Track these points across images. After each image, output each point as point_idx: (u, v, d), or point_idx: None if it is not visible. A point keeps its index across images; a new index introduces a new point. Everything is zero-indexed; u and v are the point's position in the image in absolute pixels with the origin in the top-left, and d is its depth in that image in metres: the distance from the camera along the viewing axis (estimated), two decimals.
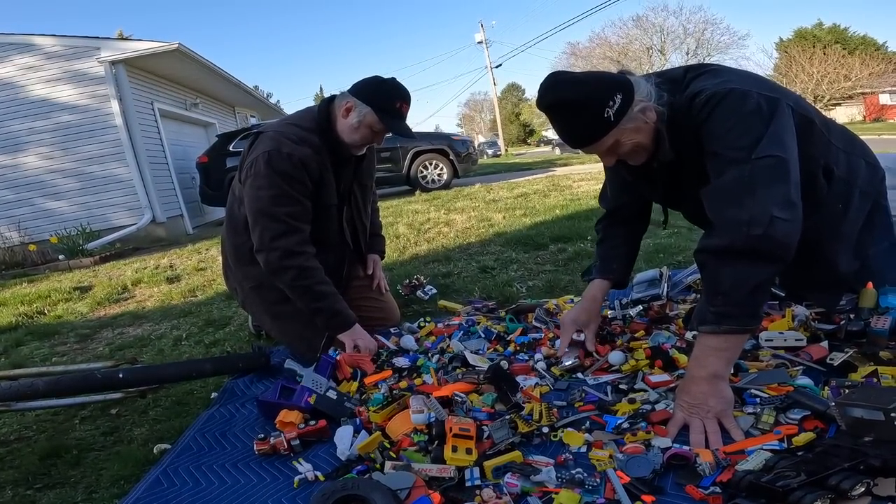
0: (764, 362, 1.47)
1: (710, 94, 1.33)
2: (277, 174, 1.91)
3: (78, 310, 3.93)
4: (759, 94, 1.31)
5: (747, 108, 1.29)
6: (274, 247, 1.93)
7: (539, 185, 7.34)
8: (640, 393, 1.45)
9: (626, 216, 1.84)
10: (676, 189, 1.58)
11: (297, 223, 1.96)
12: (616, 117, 1.35)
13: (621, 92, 1.35)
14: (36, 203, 8.07)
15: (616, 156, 1.46)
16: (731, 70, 1.45)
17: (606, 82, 1.37)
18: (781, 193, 1.24)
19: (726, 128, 1.30)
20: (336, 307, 1.98)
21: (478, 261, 3.41)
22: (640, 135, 1.41)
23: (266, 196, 1.93)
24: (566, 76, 1.42)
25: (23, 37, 7.80)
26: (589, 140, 1.40)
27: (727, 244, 1.24)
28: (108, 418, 1.97)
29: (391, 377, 1.75)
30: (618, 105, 1.34)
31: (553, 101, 1.39)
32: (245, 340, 2.56)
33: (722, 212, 1.29)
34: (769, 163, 1.25)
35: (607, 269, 1.81)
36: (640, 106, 1.37)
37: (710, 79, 1.39)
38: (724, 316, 1.24)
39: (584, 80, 1.40)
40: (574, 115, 1.38)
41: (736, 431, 1.20)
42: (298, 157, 1.93)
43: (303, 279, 1.94)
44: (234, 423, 1.70)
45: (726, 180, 1.29)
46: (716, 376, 1.25)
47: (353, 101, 1.99)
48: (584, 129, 1.39)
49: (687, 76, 1.44)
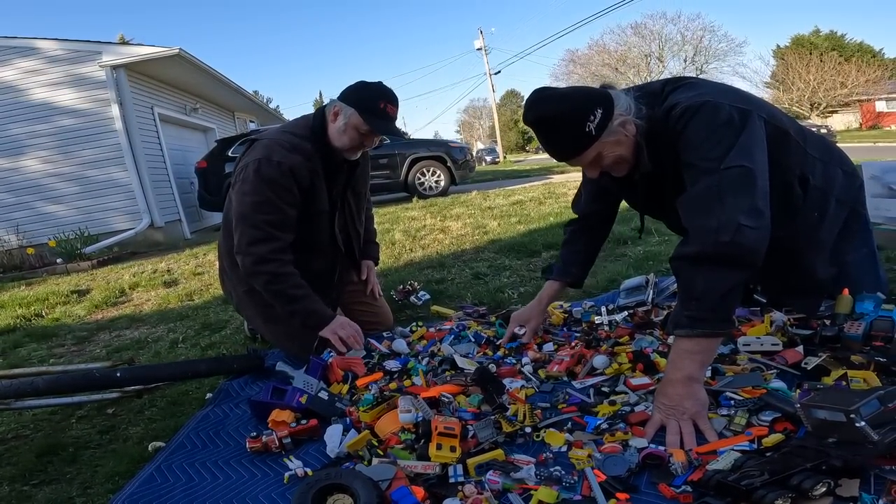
0: (740, 366, 1.51)
1: (685, 107, 1.38)
2: (264, 181, 1.95)
3: (76, 313, 3.96)
4: (732, 105, 1.37)
5: (719, 119, 1.35)
6: (249, 252, 1.97)
7: (535, 192, 7.40)
8: (620, 395, 1.49)
9: (593, 223, 1.95)
10: (658, 199, 1.63)
11: (276, 231, 1.99)
12: (597, 131, 1.41)
13: (601, 107, 1.41)
14: (35, 206, 8.11)
15: (599, 168, 1.52)
16: (707, 83, 1.51)
17: (587, 97, 1.43)
18: (748, 202, 1.29)
19: (700, 139, 1.36)
20: (310, 307, 2.01)
21: (471, 267, 3.46)
22: (621, 147, 1.47)
23: (249, 202, 1.97)
24: (549, 93, 1.48)
25: (25, 40, 7.86)
26: (572, 153, 1.47)
27: (698, 251, 1.30)
28: (105, 417, 2.00)
29: (382, 379, 1.79)
30: (598, 119, 1.40)
31: (536, 116, 1.46)
32: (241, 343, 2.60)
33: (693, 220, 1.35)
34: (736, 173, 1.31)
35: (566, 272, 1.96)
36: (620, 120, 1.43)
37: (686, 91, 1.45)
38: (698, 320, 1.28)
39: (566, 96, 1.45)
40: (556, 130, 1.45)
41: (710, 432, 1.24)
42: (288, 166, 1.97)
43: (275, 284, 1.98)
44: (228, 423, 1.74)
45: (698, 190, 1.35)
46: (690, 378, 1.29)
47: (340, 105, 2.03)
48: (566, 143, 1.45)
49: (665, 89, 1.50)
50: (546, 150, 1.51)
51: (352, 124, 2.01)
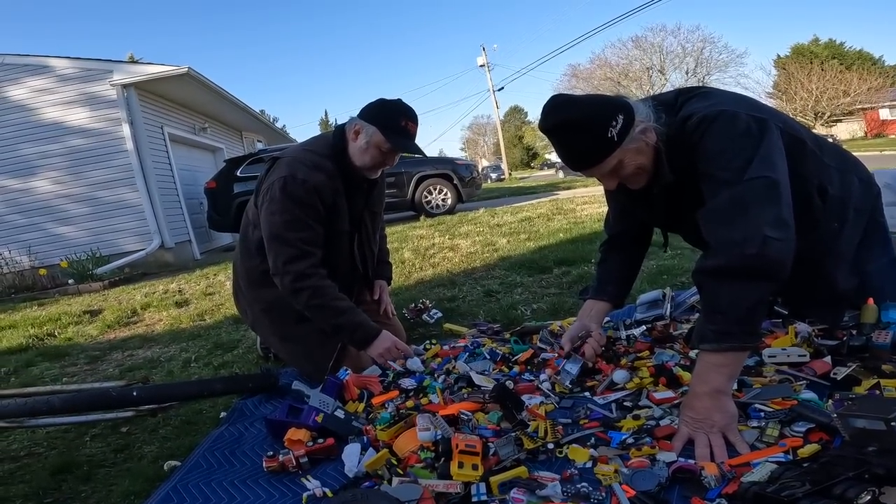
0: (767, 378, 1.48)
1: (701, 117, 1.37)
2: (291, 200, 1.97)
3: (88, 332, 3.97)
4: (748, 115, 1.36)
5: (737, 129, 1.33)
6: (287, 270, 1.97)
7: (543, 209, 7.39)
8: (644, 410, 1.47)
9: (624, 242, 1.90)
10: (675, 212, 1.61)
11: (310, 247, 1.99)
12: (619, 137, 1.38)
13: (622, 112, 1.39)
14: (46, 228, 8.16)
15: (618, 178, 1.49)
16: (721, 92, 1.50)
17: (607, 103, 1.42)
18: (773, 213, 1.27)
19: (718, 149, 1.34)
20: (356, 320, 2.00)
21: (482, 285, 3.44)
22: (642, 156, 1.44)
23: (280, 221, 1.98)
24: (567, 98, 1.46)
25: (37, 58, 7.94)
26: (593, 161, 1.42)
27: (723, 264, 1.27)
28: (119, 436, 1.99)
29: (398, 397, 1.77)
30: (620, 125, 1.37)
31: (556, 122, 1.42)
32: (253, 363, 2.58)
33: (716, 232, 1.32)
34: (761, 183, 1.29)
35: (602, 290, 1.88)
36: (641, 126, 1.41)
37: (701, 101, 1.43)
38: (724, 334, 1.26)
39: (586, 101, 1.44)
40: (577, 136, 1.40)
41: (741, 444, 1.21)
42: (312, 184, 1.98)
43: (317, 298, 1.97)
44: (244, 442, 1.72)
45: (719, 201, 1.32)
46: (718, 391, 1.27)
47: (361, 123, 2.05)
48: (587, 149, 1.41)
49: (679, 99, 1.49)
50: (563, 159, 1.48)
51: (374, 143, 2.03)
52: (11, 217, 8.12)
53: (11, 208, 8.11)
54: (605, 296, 1.87)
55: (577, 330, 1.84)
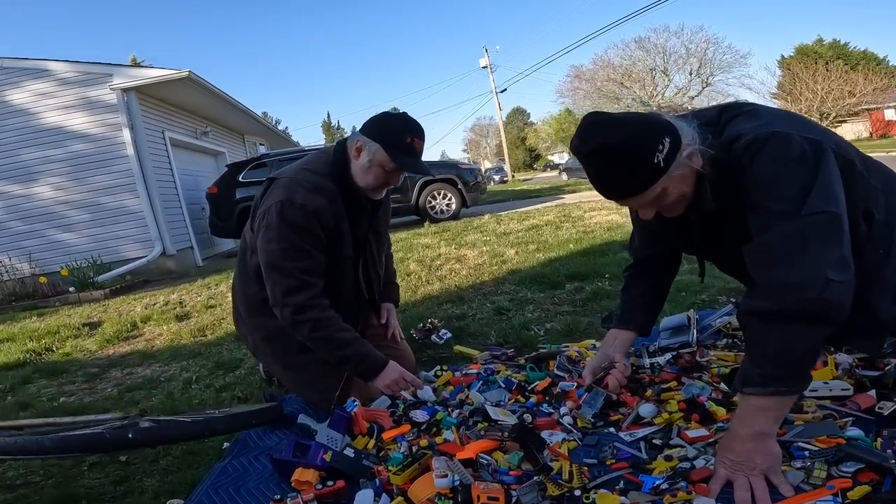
0: (809, 414, 1.40)
1: (750, 139, 1.24)
2: (289, 226, 1.84)
3: (87, 347, 3.90)
4: (802, 136, 1.23)
5: (791, 154, 1.21)
6: (286, 303, 1.86)
7: (549, 215, 7.29)
8: (676, 449, 1.38)
9: (652, 266, 1.79)
10: (713, 240, 1.50)
11: (310, 277, 1.88)
12: (665, 163, 1.24)
13: (668, 135, 1.26)
14: (47, 234, 8.08)
15: (657, 207, 1.36)
16: (769, 110, 1.38)
17: (653, 124, 1.28)
18: (836, 253, 1.16)
19: (770, 177, 1.22)
20: (362, 351, 1.90)
21: (492, 301, 3.33)
22: (686, 184, 1.32)
23: (277, 249, 1.86)
24: (608, 117, 1.31)
25: (36, 62, 7.85)
26: (636, 190, 1.28)
27: (776, 308, 1.16)
28: (118, 466, 1.91)
29: (410, 432, 1.68)
30: (667, 149, 1.24)
31: (597, 146, 1.26)
32: (256, 386, 2.49)
33: (768, 272, 1.21)
34: (822, 220, 1.17)
35: (628, 318, 1.77)
36: (688, 151, 1.28)
37: (749, 121, 1.31)
38: (772, 378, 1.17)
39: (629, 122, 1.29)
40: (620, 162, 1.25)
41: (785, 487, 1.13)
42: (312, 208, 1.86)
43: (320, 330, 1.87)
44: (248, 478, 1.63)
45: (773, 237, 1.20)
46: (762, 434, 1.18)
47: (363, 139, 1.92)
48: (631, 176, 1.27)
49: (722, 118, 1.37)
50: (601, 187, 1.32)
51: (377, 161, 1.90)
52: (12, 224, 8.04)
53: (12, 215, 8.03)
54: (630, 324, 1.76)
55: (599, 361, 1.74)
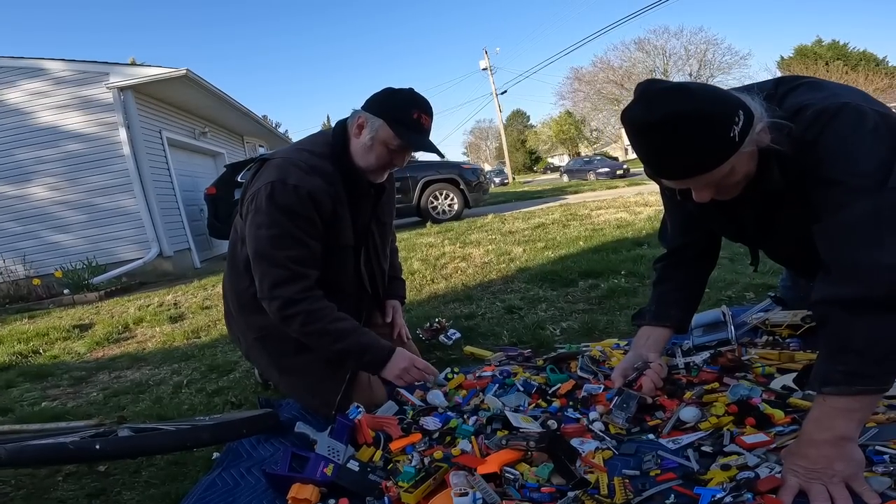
0: (881, 415, 1.25)
1: (819, 110, 1.11)
2: (280, 210, 1.65)
3: (76, 349, 3.72)
4: (873, 109, 1.11)
5: (867, 126, 1.08)
6: (274, 296, 1.67)
7: (555, 214, 7.13)
8: (732, 457, 1.21)
9: (689, 256, 1.62)
10: (767, 225, 1.35)
11: (301, 268, 1.69)
12: (740, 138, 1.10)
13: (742, 108, 1.10)
14: (42, 235, 7.91)
15: (716, 189, 1.20)
16: (831, 83, 1.24)
17: (725, 95, 1.13)
18: None
19: (844, 150, 1.08)
20: (362, 341, 1.70)
21: (502, 300, 3.15)
22: (752, 162, 1.18)
23: (266, 236, 1.67)
24: (675, 85, 1.14)
25: (32, 61, 7.70)
26: (707, 166, 1.12)
27: (863, 294, 1.01)
28: (95, 476, 1.74)
29: (421, 442, 1.50)
30: (742, 123, 1.09)
31: (670, 114, 1.08)
32: (251, 390, 2.31)
33: (851, 254, 1.05)
34: None
35: (662, 315, 1.62)
36: (761, 125, 1.13)
37: (812, 91, 1.18)
38: (858, 376, 1.02)
39: (701, 91, 1.13)
40: (695, 134, 1.09)
41: (870, 495, 0.99)
42: (307, 190, 1.66)
43: (313, 323, 1.67)
44: (240, 494, 1.46)
45: (855, 215, 1.05)
46: (843, 438, 1.04)
47: (365, 115, 1.73)
48: (704, 151, 1.11)
49: (779, 89, 1.23)
50: (659, 164, 1.16)
51: (380, 139, 1.71)
52: (6, 225, 7.86)
53: (6, 215, 7.85)
54: (665, 321, 1.61)
55: (631, 361, 1.58)
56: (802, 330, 1.76)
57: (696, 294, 1.66)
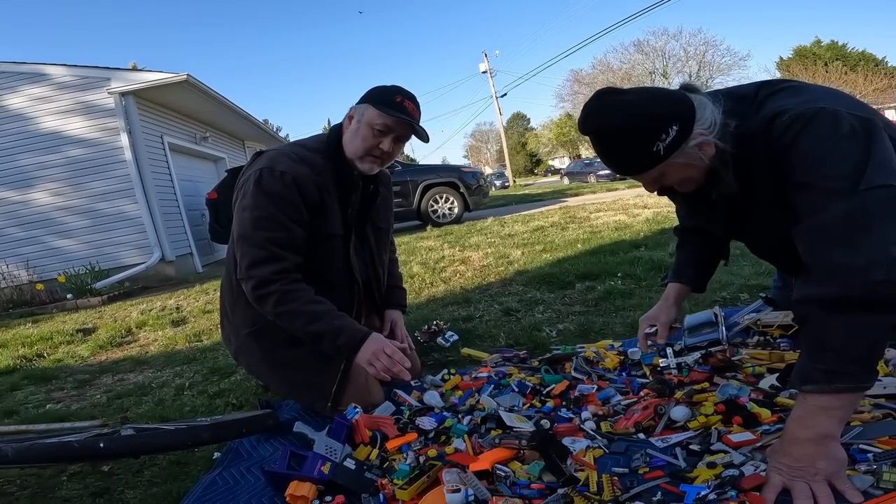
0: (866, 413, 1.28)
1: (794, 115, 1.14)
2: (265, 194, 1.72)
3: (79, 353, 3.75)
4: (850, 113, 1.13)
5: (841, 130, 1.11)
6: (250, 275, 1.71)
7: (554, 217, 7.16)
8: (719, 455, 1.24)
9: (703, 230, 1.71)
10: (742, 220, 1.41)
11: (280, 250, 1.72)
12: (666, 151, 1.22)
13: (678, 122, 1.20)
14: (45, 241, 7.95)
15: (658, 186, 1.35)
16: (813, 87, 1.28)
17: (662, 110, 1.22)
18: None
19: (819, 154, 1.12)
20: (337, 324, 1.70)
21: (500, 302, 3.19)
22: (691, 170, 1.28)
23: (249, 218, 1.73)
24: (614, 99, 1.25)
25: (33, 66, 7.74)
26: (631, 171, 1.31)
27: (839, 293, 1.04)
28: (99, 476, 1.77)
29: (416, 441, 1.53)
30: (671, 138, 1.20)
31: (595, 128, 1.26)
32: (251, 392, 2.34)
33: (827, 255, 1.08)
34: (885, 194, 1.06)
35: (681, 273, 1.78)
36: (698, 141, 1.22)
37: (791, 96, 1.21)
38: (837, 374, 1.04)
39: (636, 107, 1.22)
40: (617, 146, 1.26)
41: (852, 493, 1.02)
42: (292, 176, 1.73)
43: (285, 304, 1.70)
44: (239, 492, 1.49)
45: (829, 217, 1.09)
46: (825, 436, 1.06)
47: (355, 107, 1.85)
48: (626, 160, 1.29)
49: (760, 93, 1.27)
50: (601, 160, 1.34)
51: (366, 120, 1.79)
52: (9, 230, 7.91)
53: (9, 221, 7.90)
54: (683, 278, 1.76)
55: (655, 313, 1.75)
56: (793, 330, 1.79)
57: (712, 257, 1.76)
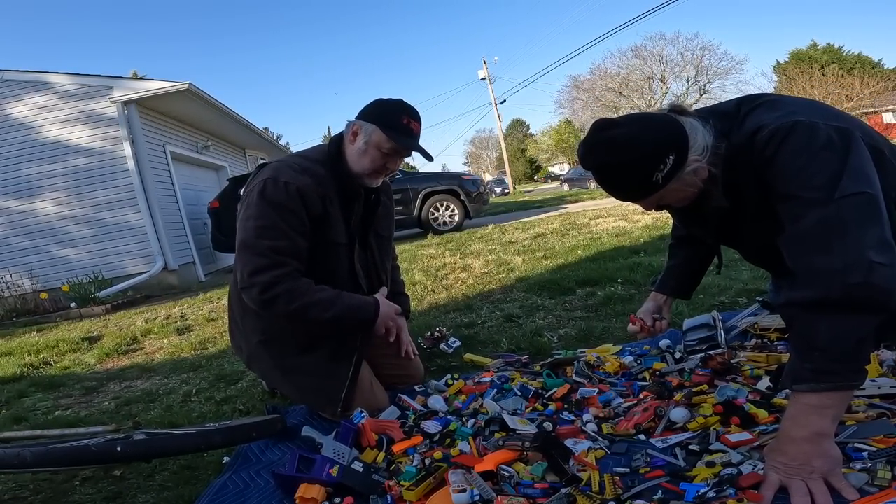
0: (861, 413, 1.32)
1: (773, 130, 1.20)
2: (269, 204, 1.75)
3: (85, 361, 3.79)
4: (827, 125, 1.19)
5: (818, 142, 1.16)
6: (252, 283, 1.73)
7: (554, 223, 7.20)
8: (717, 454, 1.28)
9: (693, 239, 1.77)
10: (733, 229, 1.46)
11: (282, 258, 1.74)
12: (664, 180, 1.28)
13: (674, 152, 1.26)
14: (48, 250, 8.00)
15: (656, 206, 1.41)
16: (791, 100, 1.33)
17: (659, 142, 1.27)
18: (877, 234, 1.10)
19: (797, 166, 1.17)
20: (351, 303, 1.81)
21: (501, 309, 3.23)
22: (687, 192, 1.35)
23: (252, 227, 1.75)
24: (612, 134, 1.30)
25: (37, 74, 7.79)
26: (633, 199, 1.37)
27: (820, 296, 1.09)
28: (111, 481, 1.81)
29: (422, 444, 1.57)
30: (669, 167, 1.26)
31: (597, 164, 1.33)
32: (258, 398, 2.38)
33: (808, 260, 1.14)
34: (858, 201, 1.11)
35: (664, 284, 1.86)
36: (693, 167, 1.28)
37: (770, 111, 1.26)
38: (825, 372, 1.09)
39: (634, 140, 1.28)
40: (618, 178, 1.33)
41: (848, 490, 1.05)
42: (295, 187, 1.76)
43: (297, 299, 1.73)
44: (249, 495, 1.53)
45: (808, 225, 1.14)
46: (819, 435, 1.10)
47: (359, 123, 1.86)
48: (628, 190, 1.35)
49: (741, 109, 1.33)
50: (602, 188, 1.39)
51: (373, 142, 1.83)
52: (13, 239, 7.96)
53: (13, 230, 7.95)
54: (666, 289, 1.86)
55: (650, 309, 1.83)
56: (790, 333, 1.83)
57: (697, 269, 1.85)
